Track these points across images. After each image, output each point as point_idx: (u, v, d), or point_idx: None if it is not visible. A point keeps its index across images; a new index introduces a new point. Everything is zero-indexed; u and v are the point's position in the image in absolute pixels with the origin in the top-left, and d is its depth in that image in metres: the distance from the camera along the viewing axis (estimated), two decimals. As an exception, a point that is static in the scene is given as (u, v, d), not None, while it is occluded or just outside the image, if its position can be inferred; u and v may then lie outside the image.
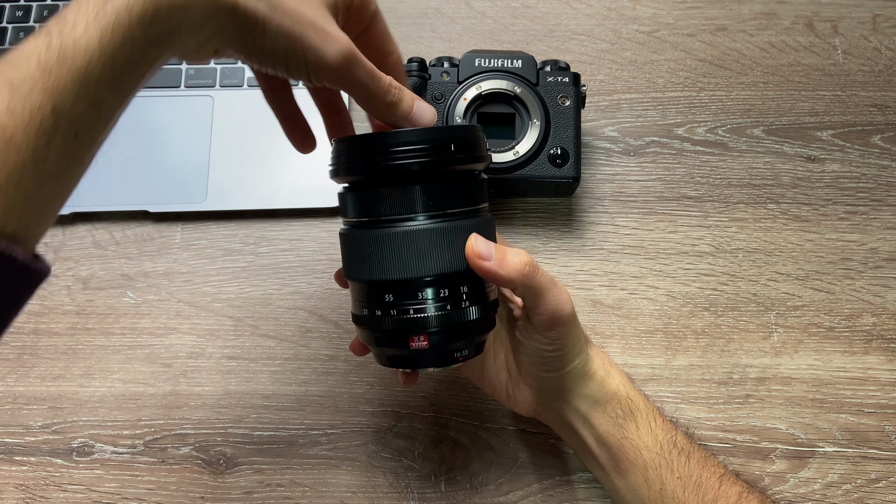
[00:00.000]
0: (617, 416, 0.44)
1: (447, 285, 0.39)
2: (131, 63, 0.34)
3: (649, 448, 0.44)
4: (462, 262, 0.39)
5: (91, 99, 0.33)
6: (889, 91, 0.66)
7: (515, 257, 0.39)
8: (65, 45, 0.32)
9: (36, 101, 0.31)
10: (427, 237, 0.38)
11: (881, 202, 0.62)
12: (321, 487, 0.52)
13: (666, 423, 0.45)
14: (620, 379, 0.46)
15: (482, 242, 0.39)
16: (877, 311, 0.58)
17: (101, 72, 0.32)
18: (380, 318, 0.40)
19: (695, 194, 0.62)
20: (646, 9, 0.69)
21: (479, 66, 0.57)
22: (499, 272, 0.39)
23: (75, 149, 0.34)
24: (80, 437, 0.53)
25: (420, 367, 0.41)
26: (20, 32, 0.65)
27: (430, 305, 0.39)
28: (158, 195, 0.60)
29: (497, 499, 0.52)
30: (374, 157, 0.38)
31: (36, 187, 0.33)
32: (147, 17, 0.33)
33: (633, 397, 0.45)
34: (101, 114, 0.34)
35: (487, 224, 0.41)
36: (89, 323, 0.57)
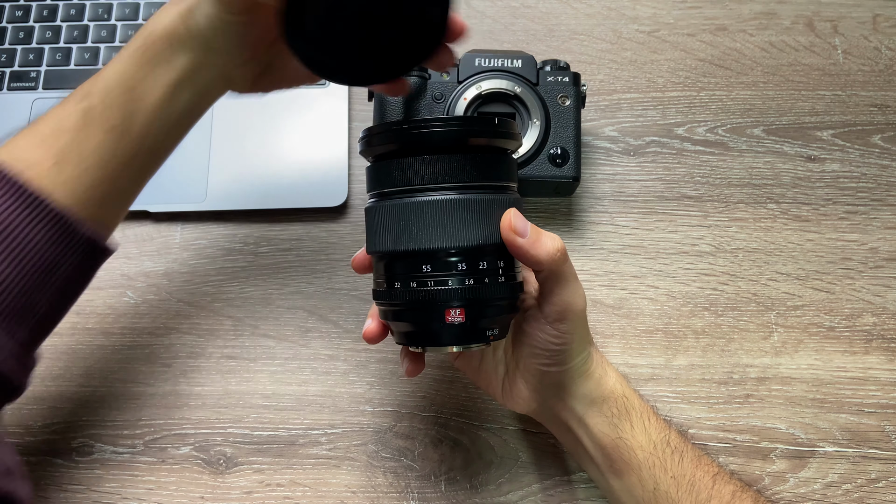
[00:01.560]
0: (612, 416, 0.44)
1: (485, 258, 0.39)
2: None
3: (643, 447, 0.44)
4: (490, 236, 0.39)
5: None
6: (889, 91, 0.66)
7: (549, 240, 0.40)
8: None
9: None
10: (471, 206, 0.38)
11: (881, 202, 0.62)
12: (321, 487, 0.52)
13: (660, 421, 0.45)
14: (616, 378, 0.46)
15: (520, 219, 0.39)
16: (877, 311, 0.58)
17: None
18: (414, 291, 0.39)
19: (695, 194, 0.62)
20: (646, 9, 0.69)
21: (479, 66, 0.57)
22: (530, 251, 0.39)
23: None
24: (80, 437, 0.53)
25: (449, 344, 0.40)
26: (20, 32, 0.65)
27: (466, 277, 0.38)
28: (158, 195, 0.60)
29: (497, 499, 0.52)
30: (414, 125, 0.38)
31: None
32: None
33: (628, 396, 0.45)
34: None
35: (520, 203, 0.41)
36: (89, 323, 0.57)
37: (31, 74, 0.64)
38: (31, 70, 0.64)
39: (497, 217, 0.39)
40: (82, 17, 0.66)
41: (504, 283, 0.40)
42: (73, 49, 0.65)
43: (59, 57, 0.65)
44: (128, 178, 0.43)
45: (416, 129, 0.38)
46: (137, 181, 0.45)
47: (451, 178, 0.38)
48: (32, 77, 0.64)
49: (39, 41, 0.65)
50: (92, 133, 0.41)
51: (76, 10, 0.66)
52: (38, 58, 0.64)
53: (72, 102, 0.42)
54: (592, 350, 0.46)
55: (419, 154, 0.38)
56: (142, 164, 0.44)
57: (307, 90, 0.64)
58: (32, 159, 0.40)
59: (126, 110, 0.41)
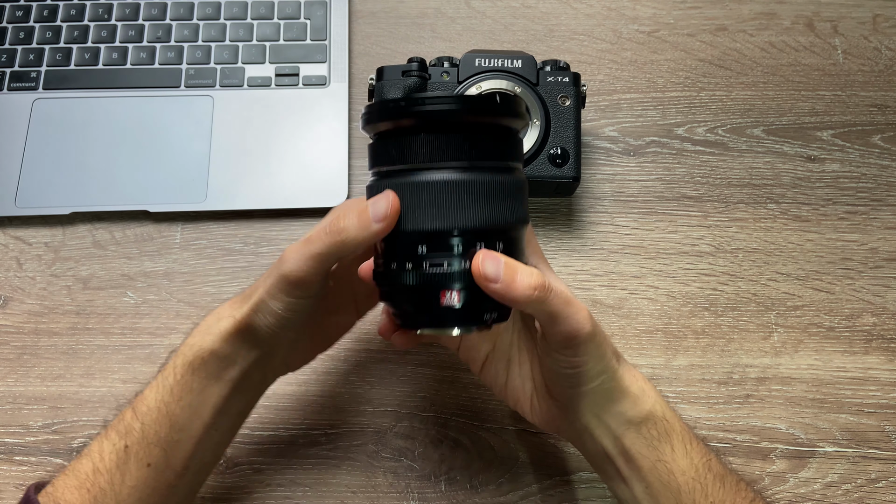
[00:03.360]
0: (651, 438, 0.42)
1: (484, 240, 0.37)
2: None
3: (684, 472, 0.41)
4: (505, 216, 0.38)
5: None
6: (889, 91, 0.66)
7: (526, 278, 0.36)
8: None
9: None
10: (470, 188, 0.37)
11: (881, 202, 0.62)
12: (321, 487, 0.52)
13: (701, 446, 0.43)
14: (656, 398, 0.43)
15: (490, 263, 0.36)
16: (877, 311, 0.58)
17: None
18: (411, 272, 0.38)
19: (695, 194, 0.62)
20: (646, 9, 0.69)
21: (479, 66, 0.57)
22: (507, 296, 0.36)
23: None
24: (80, 437, 0.53)
25: (446, 327, 0.39)
26: (20, 32, 0.65)
27: (464, 259, 0.37)
28: (158, 195, 0.60)
29: (497, 499, 0.52)
30: (418, 100, 0.37)
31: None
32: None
33: (668, 418, 0.42)
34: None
35: (524, 184, 0.40)
36: (89, 323, 0.57)
37: (31, 74, 0.64)
38: (31, 70, 0.64)
39: (498, 198, 0.38)
40: (82, 17, 0.66)
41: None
42: (73, 49, 0.65)
43: (59, 57, 0.65)
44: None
45: (414, 106, 0.37)
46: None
47: (451, 157, 0.37)
48: (32, 77, 0.64)
49: (39, 41, 0.65)
50: (130, 471, 0.40)
51: (76, 10, 0.66)
52: (38, 58, 0.64)
53: (112, 437, 0.41)
54: (620, 368, 0.42)
55: (418, 132, 0.37)
56: (186, 489, 0.43)
57: (307, 90, 0.64)
58: (71, 502, 0.39)
59: (167, 443, 0.41)
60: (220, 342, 0.41)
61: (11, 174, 0.60)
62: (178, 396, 0.41)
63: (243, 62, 0.65)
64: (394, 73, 0.57)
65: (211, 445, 0.43)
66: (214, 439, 0.43)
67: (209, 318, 0.42)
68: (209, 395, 0.42)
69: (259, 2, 0.67)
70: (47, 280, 0.58)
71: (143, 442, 0.40)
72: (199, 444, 0.42)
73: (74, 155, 0.61)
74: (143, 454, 0.40)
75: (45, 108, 0.63)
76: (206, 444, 0.42)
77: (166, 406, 0.41)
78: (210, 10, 0.67)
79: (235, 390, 0.42)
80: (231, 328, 0.41)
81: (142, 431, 0.41)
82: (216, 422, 0.42)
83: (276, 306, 0.40)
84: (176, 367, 0.41)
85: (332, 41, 0.66)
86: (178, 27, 0.66)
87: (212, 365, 0.41)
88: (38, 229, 0.60)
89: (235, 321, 0.41)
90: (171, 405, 0.41)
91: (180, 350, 0.42)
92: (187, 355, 0.41)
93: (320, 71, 0.65)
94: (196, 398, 0.41)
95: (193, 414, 0.41)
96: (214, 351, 0.41)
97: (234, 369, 0.42)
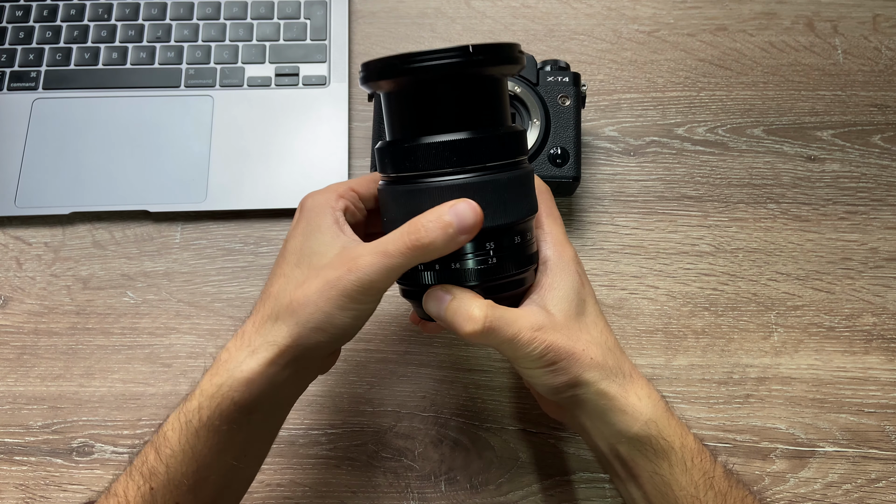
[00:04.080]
0: (646, 452, 0.41)
1: (506, 236, 0.38)
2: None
3: (683, 488, 0.40)
4: (515, 213, 0.38)
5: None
6: (889, 91, 0.66)
7: (463, 322, 0.37)
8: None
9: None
10: (490, 187, 0.37)
11: (881, 202, 0.62)
12: (321, 487, 0.52)
13: (704, 461, 0.41)
14: (650, 415, 0.40)
15: (434, 303, 0.38)
16: (877, 311, 0.58)
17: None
18: (426, 273, 0.39)
19: (695, 194, 0.62)
20: (646, 9, 0.69)
21: (479, 66, 0.57)
22: (451, 331, 0.38)
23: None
24: (80, 437, 0.53)
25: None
26: (20, 32, 0.65)
27: (489, 256, 0.38)
28: (158, 195, 0.60)
29: (497, 499, 0.52)
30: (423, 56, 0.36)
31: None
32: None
33: (666, 436, 0.40)
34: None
35: (530, 176, 0.40)
36: (89, 323, 0.57)
37: (31, 74, 0.64)
38: (31, 70, 0.64)
39: (518, 194, 0.39)
40: (82, 17, 0.66)
41: (525, 254, 0.40)
42: (73, 49, 0.65)
43: (59, 57, 0.65)
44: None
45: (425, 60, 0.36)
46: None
47: (468, 161, 0.37)
48: (32, 77, 0.64)
49: (39, 41, 0.65)
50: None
51: (76, 10, 0.66)
52: (38, 58, 0.64)
53: (136, 479, 0.39)
54: (601, 381, 0.40)
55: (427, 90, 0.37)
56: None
57: (307, 90, 0.64)
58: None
59: (195, 481, 0.38)
60: (256, 381, 0.38)
61: (11, 174, 0.60)
62: (205, 439, 0.38)
63: (243, 62, 0.65)
64: (394, 72, 0.57)
65: (243, 475, 0.42)
66: (246, 469, 0.41)
67: (237, 352, 0.38)
68: (238, 433, 0.39)
69: (259, 2, 0.67)
70: (47, 280, 0.58)
71: (170, 485, 0.38)
72: (228, 477, 0.40)
73: (74, 155, 0.61)
74: (171, 496, 0.38)
75: (44, 108, 0.63)
76: (235, 474, 0.41)
77: (192, 449, 0.38)
78: (210, 10, 0.67)
79: (264, 421, 0.40)
80: (273, 357, 0.38)
81: (167, 475, 0.38)
82: (246, 453, 0.40)
83: (346, 316, 0.38)
84: (202, 409, 0.38)
85: (332, 41, 0.66)
86: (178, 27, 0.66)
87: (245, 408, 0.38)
88: (37, 229, 0.60)
89: (279, 348, 0.38)
90: (198, 447, 0.38)
91: (205, 388, 0.38)
92: (215, 398, 0.38)
93: (320, 71, 0.65)
94: (224, 438, 0.38)
95: (222, 452, 0.39)
96: (249, 394, 0.38)
97: (267, 404, 0.39)
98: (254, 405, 0.38)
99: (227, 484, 0.40)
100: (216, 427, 0.38)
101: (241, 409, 0.38)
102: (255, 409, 0.38)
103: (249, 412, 0.38)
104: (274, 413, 0.41)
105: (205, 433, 0.38)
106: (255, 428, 0.40)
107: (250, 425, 0.39)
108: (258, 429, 0.40)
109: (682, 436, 0.41)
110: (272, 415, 0.41)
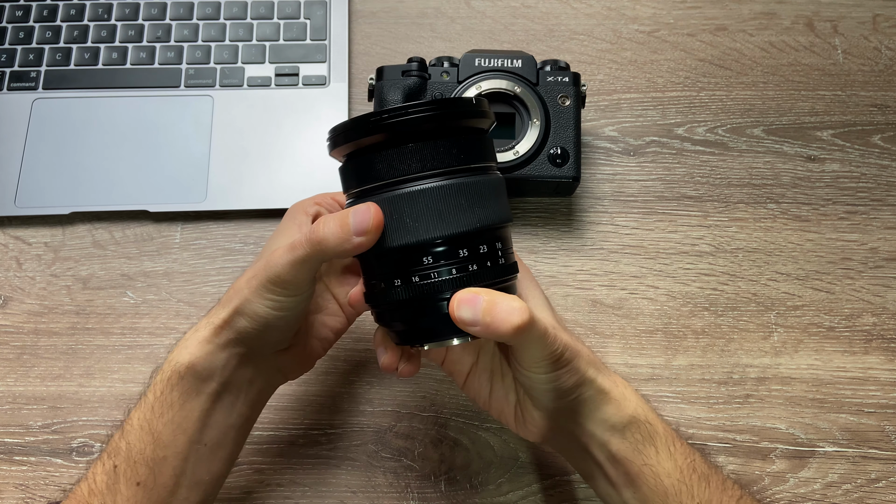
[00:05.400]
0: (636, 442, 0.42)
1: (484, 242, 0.37)
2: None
3: (669, 474, 0.41)
4: (486, 217, 0.37)
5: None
6: (889, 91, 0.66)
7: (507, 317, 0.36)
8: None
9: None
10: (464, 190, 0.37)
11: (881, 202, 0.62)
12: (321, 487, 0.52)
13: (684, 446, 0.43)
14: (637, 402, 0.43)
15: (466, 308, 0.36)
16: (877, 311, 0.58)
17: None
18: (399, 289, 0.37)
19: (695, 194, 0.62)
20: (646, 9, 0.69)
21: (479, 66, 0.57)
22: (489, 336, 0.36)
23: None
24: (80, 437, 0.53)
25: (444, 338, 0.39)
26: (20, 32, 0.65)
27: (469, 263, 0.37)
28: (158, 195, 0.60)
29: (497, 499, 0.52)
30: (395, 112, 0.37)
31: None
32: None
33: (651, 420, 0.42)
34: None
35: (502, 183, 0.40)
36: (89, 323, 0.57)
37: (31, 74, 0.64)
38: (31, 70, 0.64)
39: (489, 197, 0.38)
40: (82, 17, 0.66)
41: (504, 264, 0.38)
42: (73, 49, 0.65)
43: (59, 57, 0.65)
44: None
45: (397, 117, 0.36)
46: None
47: (438, 165, 0.37)
48: (32, 77, 0.64)
49: (39, 41, 0.65)
50: (121, 491, 0.40)
51: (76, 10, 0.66)
52: (38, 58, 0.64)
53: (104, 458, 0.41)
54: (599, 376, 0.42)
55: (390, 146, 0.37)
56: (185, 501, 0.42)
57: (307, 90, 0.64)
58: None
59: (154, 461, 0.41)
60: (197, 353, 0.41)
61: (11, 174, 0.60)
62: (160, 413, 0.41)
63: (243, 62, 0.65)
64: (394, 73, 0.57)
65: (202, 460, 0.42)
66: (205, 454, 0.42)
67: (188, 332, 0.42)
68: (191, 409, 0.41)
69: (259, 2, 0.67)
70: (47, 280, 0.58)
71: (130, 461, 0.40)
72: (187, 460, 0.41)
73: (74, 155, 0.61)
74: (132, 473, 0.40)
75: (44, 108, 0.63)
76: (195, 459, 0.42)
77: (149, 424, 0.41)
78: (210, 10, 0.67)
79: (219, 402, 0.42)
80: (209, 334, 0.41)
81: (127, 451, 0.41)
82: (202, 436, 0.42)
83: (263, 304, 0.40)
84: (156, 383, 0.41)
85: (331, 41, 0.66)
86: (178, 27, 0.66)
87: (189, 379, 0.41)
88: (37, 229, 0.60)
89: (214, 326, 0.41)
90: (154, 422, 0.41)
91: (161, 366, 0.42)
92: (165, 371, 0.41)
93: (320, 71, 0.65)
94: (178, 413, 0.41)
95: (177, 429, 0.41)
96: (191, 364, 0.41)
97: (214, 381, 0.41)
98: (199, 381, 0.41)
99: (187, 465, 0.41)
100: (168, 400, 0.41)
101: (187, 384, 0.41)
102: (202, 387, 0.41)
103: (197, 389, 0.41)
104: (229, 400, 0.43)
105: (159, 407, 0.41)
106: (209, 408, 0.42)
107: (200, 403, 0.41)
108: (214, 412, 0.42)
109: (661, 420, 0.43)
110: (227, 401, 0.42)
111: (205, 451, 0.42)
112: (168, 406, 0.41)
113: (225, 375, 0.42)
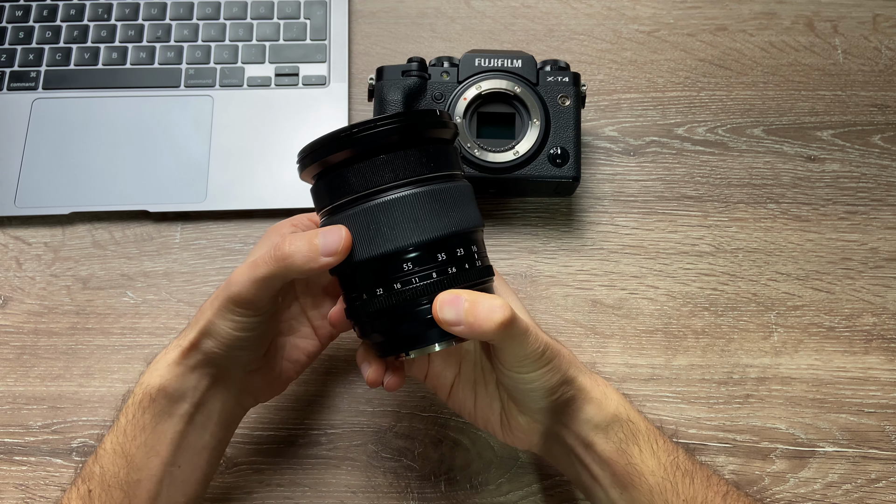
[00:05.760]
0: (619, 441, 0.42)
1: (461, 245, 0.38)
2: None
3: (654, 472, 0.42)
4: (455, 221, 0.38)
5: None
6: (889, 91, 0.66)
7: (489, 314, 0.36)
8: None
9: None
10: (437, 197, 0.38)
11: (881, 202, 0.62)
12: (321, 487, 0.52)
13: (667, 443, 0.43)
14: (619, 400, 0.43)
15: (449, 309, 0.36)
16: (877, 311, 0.58)
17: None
18: (379, 299, 0.38)
19: (695, 194, 0.62)
20: (646, 9, 0.69)
21: (478, 66, 0.57)
22: (472, 335, 0.37)
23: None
24: (80, 437, 0.53)
25: (428, 344, 0.39)
26: (20, 32, 0.65)
27: (448, 266, 0.38)
28: (158, 195, 0.60)
29: (497, 499, 0.52)
30: (364, 127, 0.38)
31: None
32: None
33: (633, 419, 0.43)
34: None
35: (470, 189, 0.41)
36: (89, 323, 0.57)
37: (31, 74, 0.64)
38: (31, 70, 0.64)
39: (461, 202, 0.39)
40: (82, 17, 0.66)
41: (481, 266, 0.39)
42: (73, 49, 0.65)
43: (59, 57, 0.65)
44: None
45: (370, 130, 0.37)
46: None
47: (410, 174, 0.38)
48: (32, 77, 0.64)
49: (39, 41, 0.65)
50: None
51: (76, 10, 0.66)
52: (38, 58, 0.64)
53: (78, 483, 0.41)
54: (580, 376, 0.42)
55: (375, 155, 0.38)
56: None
57: (307, 90, 0.64)
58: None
59: (128, 484, 0.41)
60: (167, 376, 0.41)
61: (11, 174, 0.60)
62: (132, 436, 0.41)
63: (243, 62, 0.65)
64: (393, 73, 0.57)
65: (177, 483, 0.42)
66: (179, 477, 0.42)
67: (158, 355, 0.43)
68: (163, 431, 0.41)
69: (259, 2, 0.67)
70: (47, 280, 0.58)
71: (104, 485, 0.40)
72: (162, 483, 0.41)
73: (74, 155, 0.61)
74: (106, 497, 0.40)
75: (44, 108, 0.63)
76: (170, 481, 0.42)
77: (122, 447, 0.41)
78: (210, 10, 0.67)
79: (191, 424, 0.42)
80: (178, 357, 0.41)
81: (101, 475, 0.41)
82: (176, 458, 0.42)
83: (226, 325, 0.40)
84: (127, 407, 0.42)
85: (331, 41, 0.66)
86: (178, 27, 0.66)
87: (161, 401, 0.41)
88: (37, 229, 0.60)
89: (182, 349, 0.41)
90: (126, 445, 0.41)
91: (133, 390, 0.42)
92: (137, 394, 0.42)
93: (320, 71, 0.65)
94: (150, 436, 0.41)
95: (150, 452, 0.41)
96: (162, 386, 0.41)
97: (186, 403, 0.42)
98: (171, 403, 0.41)
99: (161, 488, 0.42)
100: (140, 423, 0.41)
101: (159, 407, 0.41)
102: (173, 409, 0.41)
103: (168, 411, 0.41)
104: (201, 421, 0.43)
105: (131, 430, 0.41)
106: (182, 430, 0.42)
107: (172, 425, 0.41)
108: (187, 434, 0.42)
109: (643, 418, 0.43)
110: (199, 423, 0.43)
111: (179, 473, 0.42)
112: (140, 429, 0.41)
113: (196, 397, 0.42)
